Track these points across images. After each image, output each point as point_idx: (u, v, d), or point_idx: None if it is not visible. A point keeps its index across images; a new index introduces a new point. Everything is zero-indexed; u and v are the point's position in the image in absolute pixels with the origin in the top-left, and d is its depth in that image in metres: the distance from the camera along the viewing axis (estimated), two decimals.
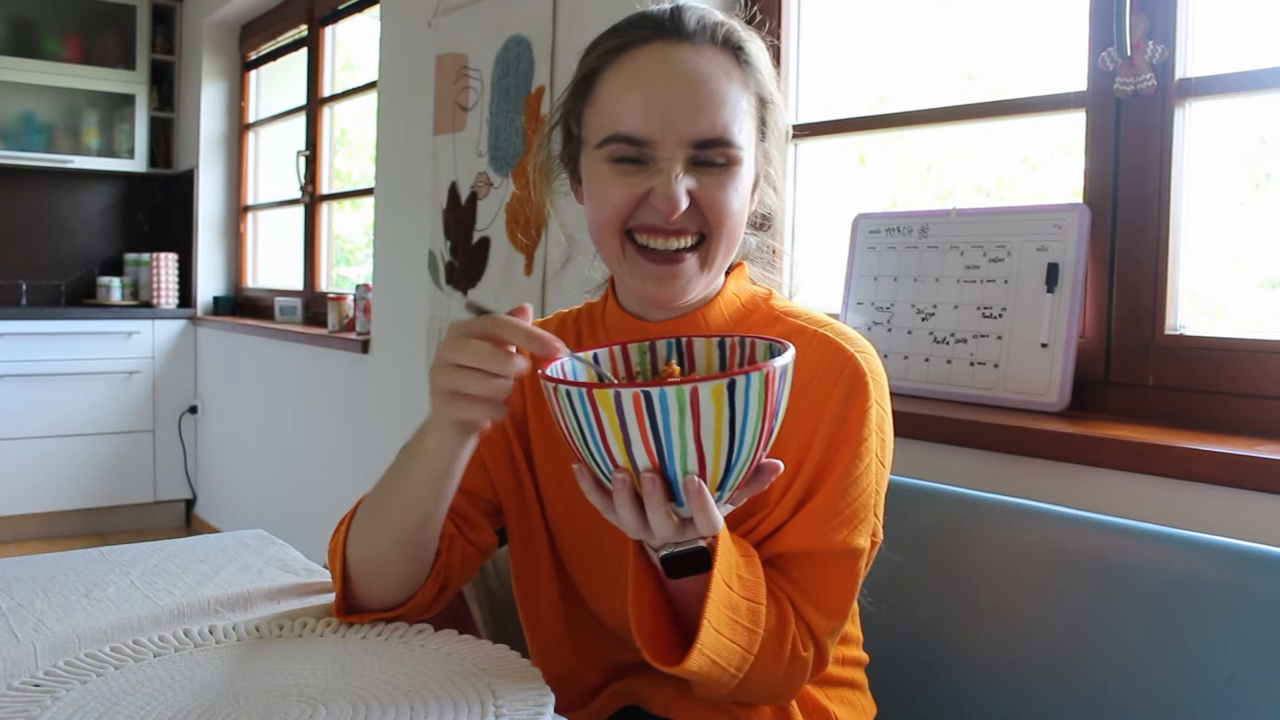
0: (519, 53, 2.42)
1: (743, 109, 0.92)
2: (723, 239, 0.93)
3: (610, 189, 0.92)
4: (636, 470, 0.74)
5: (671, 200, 0.89)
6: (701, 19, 0.93)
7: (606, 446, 0.73)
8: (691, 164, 0.91)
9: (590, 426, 0.72)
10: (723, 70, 0.92)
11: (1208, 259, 1.43)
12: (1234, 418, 1.32)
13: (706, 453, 0.72)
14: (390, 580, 0.97)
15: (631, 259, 0.94)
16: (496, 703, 0.80)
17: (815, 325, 0.97)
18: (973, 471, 1.41)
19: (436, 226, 2.77)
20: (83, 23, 4.52)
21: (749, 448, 0.73)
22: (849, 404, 0.92)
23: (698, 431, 0.71)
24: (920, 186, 1.95)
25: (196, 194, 4.56)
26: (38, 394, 4.22)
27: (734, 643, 0.84)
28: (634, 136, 0.90)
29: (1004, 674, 1.16)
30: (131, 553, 1.24)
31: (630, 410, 0.70)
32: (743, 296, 1.01)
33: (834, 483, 0.91)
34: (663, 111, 0.89)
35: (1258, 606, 0.98)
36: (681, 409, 0.69)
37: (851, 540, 0.91)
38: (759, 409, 0.72)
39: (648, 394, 0.69)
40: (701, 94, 0.90)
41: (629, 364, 0.87)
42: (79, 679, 0.84)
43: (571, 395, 0.71)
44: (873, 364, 0.95)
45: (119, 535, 4.37)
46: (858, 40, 1.97)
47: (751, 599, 0.85)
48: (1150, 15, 1.39)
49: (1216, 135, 1.41)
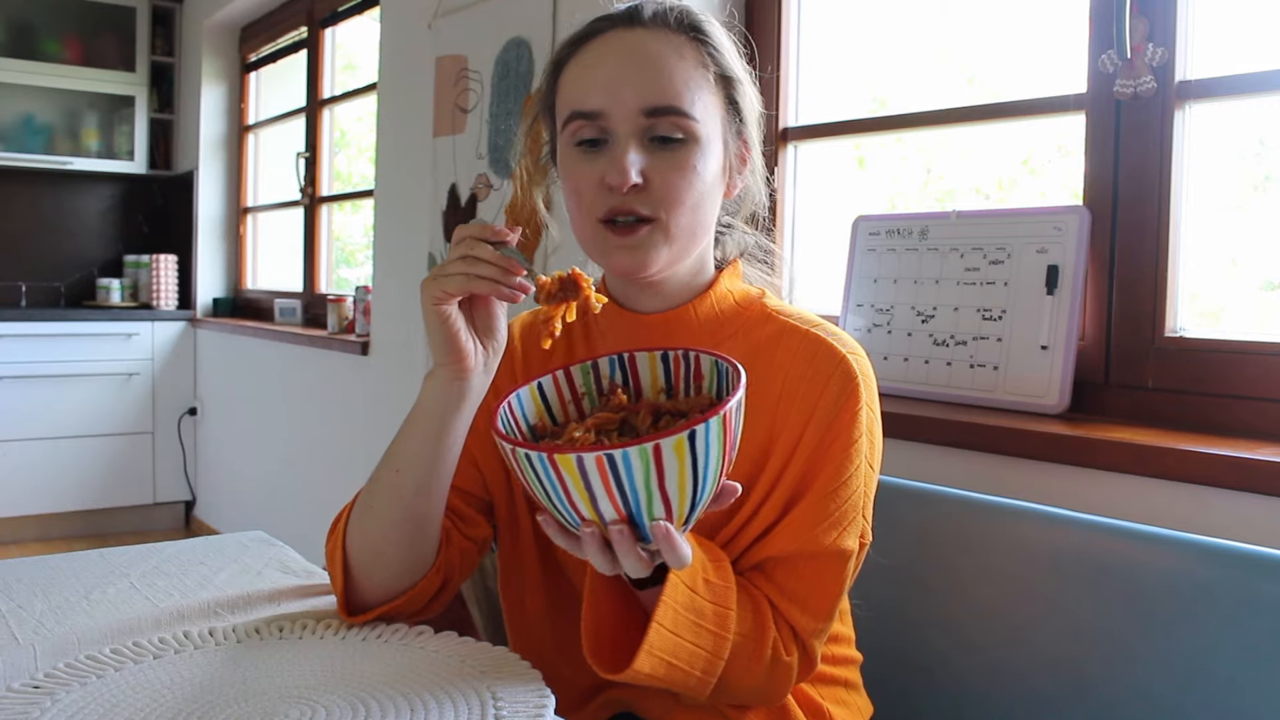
0: (519, 54, 2.42)
1: (698, 83, 0.94)
2: (681, 217, 0.93)
3: (574, 172, 0.95)
4: (604, 521, 0.74)
5: (622, 173, 0.90)
6: (658, 7, 0.96)
7: (572, 504, 0.73)
8: (647, 140, 0.93)
9: (554, 487, 0.72)
10: (674, 46, 0.94)
11: (1207, 261, 1.43)
12: (1234, 420, 1.32)
13: (672, 499, 0.72)
14: (390, 565, 0.96)
15: (601, 235, 0.95)
16: (496, 704, 0.80)
17: (807, 325, 0.97)
18: (972, 473, 1.41)
19: (436, 228, 2.78)
20: (82, 24, 4.52)
21: (712, 484, 0.74)
22: (840, 405, 0.92)
23: (662, 482, 0.71)
24: (920, 189, 1.95)
25: (196, 196, 4.56)
26: (37, 396, 4.22)
27: (696, 645, 0.84)
28: (586, 110, 0.93)
29: (1003, 676, 1.16)
30: (131, 554, 1.24)
31: (594, 471, 0.70)
32: (736, 293, 1.02)
33: (823, 484, 0.91)
34: (613, 84, 0.92)
35: (1258, 609, 0.98)
36: (645, 465, 0.69)
37: (840, 542, 0.91)
38: (719, 448, 0.72)
39: (610, 456, 0.69)
40: (651, 65, 0.93)
41: (573, 386, 0.87)
42: (78, 681, 0.84)
43: (532, 459, 0.71)
44: (863, 365, 0.95)
45: (118, 537, 4.37)
46: (857, 42, 1.97)
47: (719, 603, 0.85)
48: (1150, 18, 1.39)
49: (1216, 137, 1.41)
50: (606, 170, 0.92)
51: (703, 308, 1.00)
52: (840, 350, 0.94)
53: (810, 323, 0.97)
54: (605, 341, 1.03)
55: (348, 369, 3.28)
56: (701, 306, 1.00)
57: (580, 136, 0.94)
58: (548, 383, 0.86)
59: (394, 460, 0.94)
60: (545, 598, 1.07)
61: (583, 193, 0.95)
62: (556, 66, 0.99)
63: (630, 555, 0.76)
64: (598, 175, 0.93)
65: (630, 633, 0.86)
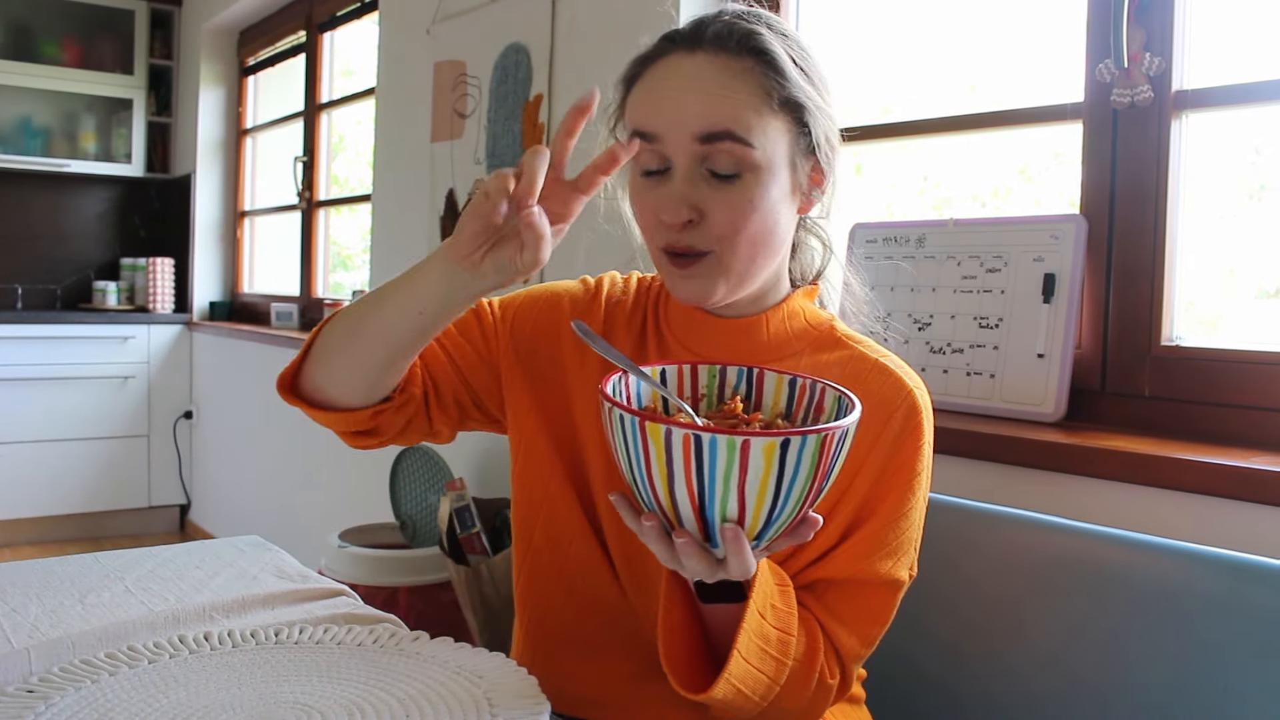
0: (517, 60, 2.42)
1: (757, 107, 0.91)
2: (738, 249, 0.92)
3: (638, 199, 0.96)
4: (676, 508, 0.72)
5: (672, 211, 0.90)
6: (721, 29, 0.93)
7: (650, 478, 0.71)
8: (703, 170, 0.91)
9: (638, 454, 0.71)
10: (732, 72, 0.91)
11: (1204, 270, 1.44)
12: (1229, 429, 1.32)
13: (748, 504, 0.70)
14: (350, 362, 0.97)
15: (664, 263, 0.96)
16: (492, 711, 0.79)
17: (875, 354, 0.98)
18: (968, 481, 1.41)
19: (434, 233, 2.78)
20: (81, 27, 4.52)
21: (793, 505, 0.72)
22: (904, 437, 0.92)
23: (742, 483, 0.69)
24: (917, 196, 1.95)
25: (193, 199, 4.56)
26: (33, 398, 4.21)
27: (761, 672, 0.84)
28: (644, 130, 0.92)
29: (1000, 684, 1.16)
30: (126, 558, 1.23)
31: (679, 449, 0.68)
32: (808, 313, 1.02)
33: (885, 515, 0.92)
34: (669, 108, 0.91)
35: (1253, 618, 0.98)
36: (730, 458, 0.68)
37: (895, 572, 0.92)
38: (810, 470, 0.70)
39: (698, 437, 0.67)
40: (705, 92, 0.90)
41: (695, 384, 0.86)
42: (73, 685, 0.83)
43: (624, 421, 0.70)
44: (925, 400, 0.96)
45: (113, 540, 4.36)
46: (855, 51, 1.97)
47: (783, 629, 0.86)
48: (1147, 27, 1.39)
49: (1212, 147, 1.41)
50: (660, 205, 0.92)
51: (773, 320, 1.00)
52: (908, 383, 0.95)
53: (879, 353, 0.98)
54: (672, 334, 1.03)
55: None
56: (772, 319, 1.00)
57: (646, 166, 0.94)
58: (671, 371, 0.85)
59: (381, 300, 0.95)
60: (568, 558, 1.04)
61: (645, 222, 0.96)
62: (627, 84, 0.98)
63: (693, 557, 0.74)
64: (657, 206, 0.93)
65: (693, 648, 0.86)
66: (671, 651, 0.84)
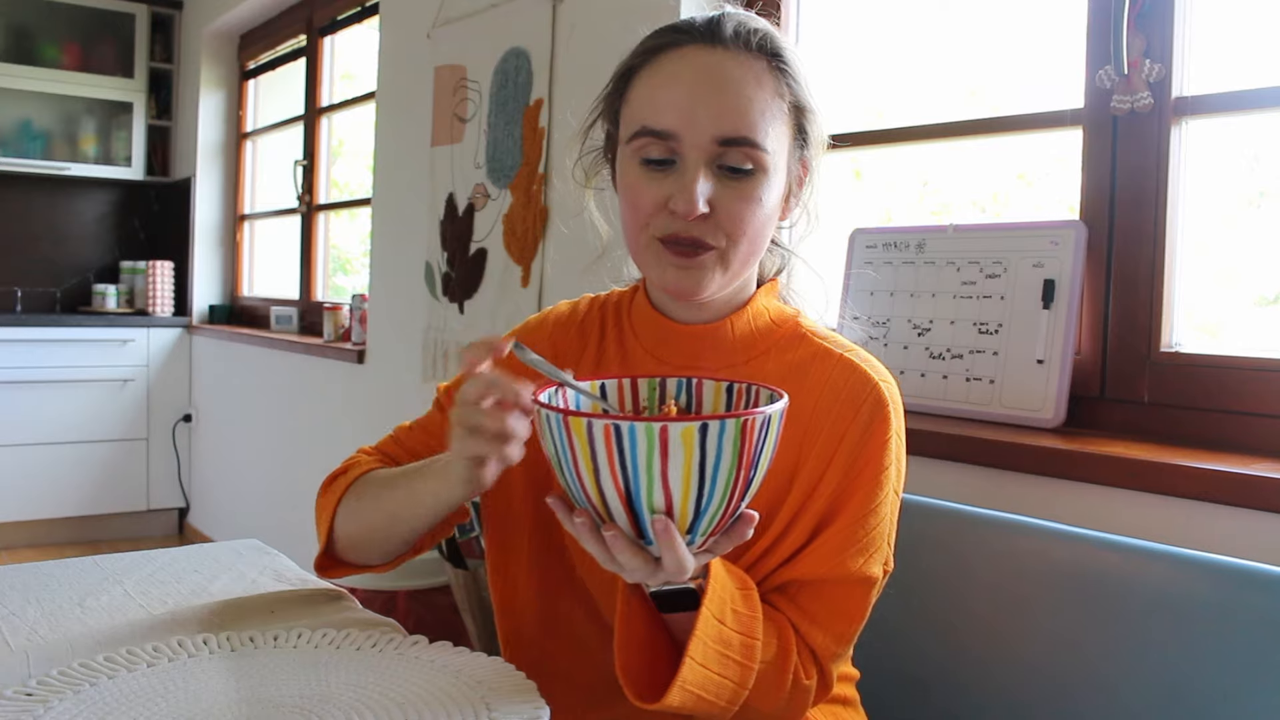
0: (518, 65, 2.43)
1: (773, 114, 0.92)
2: (741, 246, 0.93)
3: (637, 190, 0.93)
4: (606, 503, 0.74)
5: (690, 202, 0.89)
6: (739, 26, 0.93)
7: (578, 473, 0.73)
8: (716, 167, 0.91)
9: (565, 451, 0.73)
10: (754, 74, 0.91)
11: (1203, 276, 1.44)
12: (1229, 435, 1.32)
13: (674, 493, 0.72)
14: (374, 551, 1.02)
15: (657, 251, 0.94)
16: (491, 715, 0.79)
17: (840, 349, 0.97)
18: (967, 487, 1.41)
19: (433, 237, 2.78)
20: (81, 30, 4.53)
21: (721, 494, 0.73)
22: (870, 432, 0.92)
23: (664, 470, 0.71)
24: (916, 202, 1.95)
25: (193, 202, 4.56)
26: (32, 401, 4.21)
27: (723, 677, 0.83)
28: (660, 130, 0.91)
29: (997, 690, 1.16)
30: (125, 561, 1.23)
31: (600, 441, 0.70)
32: (772, 311, 1.02)
33: (853, 511, 0.91)
34: (689, 107, 0.90)
35: (1253, 625, 0.98)
36: (650, 445, 0.69)
37: (867, 569, 0.92)
38: (733, 457, 0.71)
39: (618, 426, 0.69)
40: (729, 93, 0.90)
41: (636, 397, 0.87)
42: (72, 688, 0.83)
43: (550, 420, 0.72)
44: (893, 393, 0.95)
45: (112, 543, 4.36)
46: (854, 55, 1.97)
47: (745, 633, 0.85)
48: (1147, 34, 1.39)
49: (1212, 153, 1.42)
50: (673, 195, 0.91)
51: (738, 322, 1.00)
52: (873, 377, 0.94)
53: (844, 347, 0.98)
54: (639, 344, 1.03)
55: (343, 377, 3.28)
56: (737, 321, 1.00)
57: (648, 155, 0.92)
58: (611, 385, 0.86)
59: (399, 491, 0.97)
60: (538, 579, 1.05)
61: (643, 209, 0.93)
62: (628, 72, 0.96)
63: (625, 551, 0.75)
64: (663, 196, 0.91)
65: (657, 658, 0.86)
66: (627, 661, 0.84)
